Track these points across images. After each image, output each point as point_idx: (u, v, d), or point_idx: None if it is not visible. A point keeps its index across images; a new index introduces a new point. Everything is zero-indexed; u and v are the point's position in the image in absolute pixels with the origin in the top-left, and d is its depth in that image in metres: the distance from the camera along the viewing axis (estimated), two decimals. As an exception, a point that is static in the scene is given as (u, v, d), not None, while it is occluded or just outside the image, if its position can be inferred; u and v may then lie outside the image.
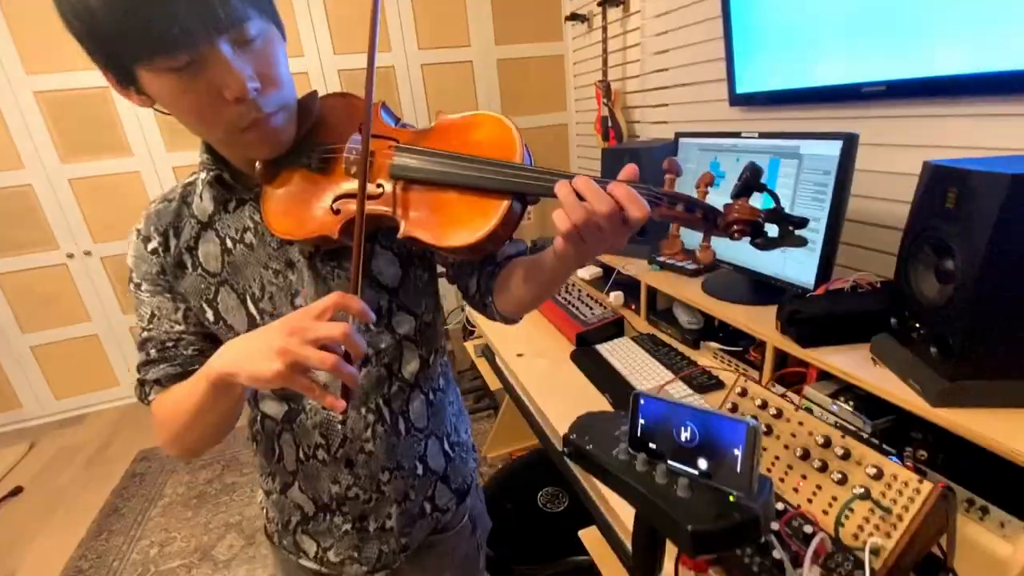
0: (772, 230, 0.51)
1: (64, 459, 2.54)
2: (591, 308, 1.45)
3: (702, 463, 0.50)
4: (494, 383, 1.53)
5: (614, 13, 2.39)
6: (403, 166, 0.56)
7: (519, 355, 1.38)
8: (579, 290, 1.57)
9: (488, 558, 0.95)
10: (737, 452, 0.48)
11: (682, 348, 1.28)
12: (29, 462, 2.55)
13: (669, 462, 0.52)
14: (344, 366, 0.48)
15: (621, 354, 1.27)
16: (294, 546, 0.74)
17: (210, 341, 0.68)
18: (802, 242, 0.51)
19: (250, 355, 0.49)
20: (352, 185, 0.57)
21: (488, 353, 1.58)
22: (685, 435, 0.51)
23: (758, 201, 0.52)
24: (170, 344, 0.65)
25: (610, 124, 2.41)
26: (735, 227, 0.51)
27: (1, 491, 2.31)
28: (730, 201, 0.52)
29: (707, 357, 1.24)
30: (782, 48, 1.46)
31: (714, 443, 0.49)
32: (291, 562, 0.77)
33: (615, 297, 1.56)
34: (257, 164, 0.58)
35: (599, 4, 2.36)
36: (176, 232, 0.62)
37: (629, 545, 0.83)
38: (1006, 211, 0.66)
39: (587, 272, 1.77)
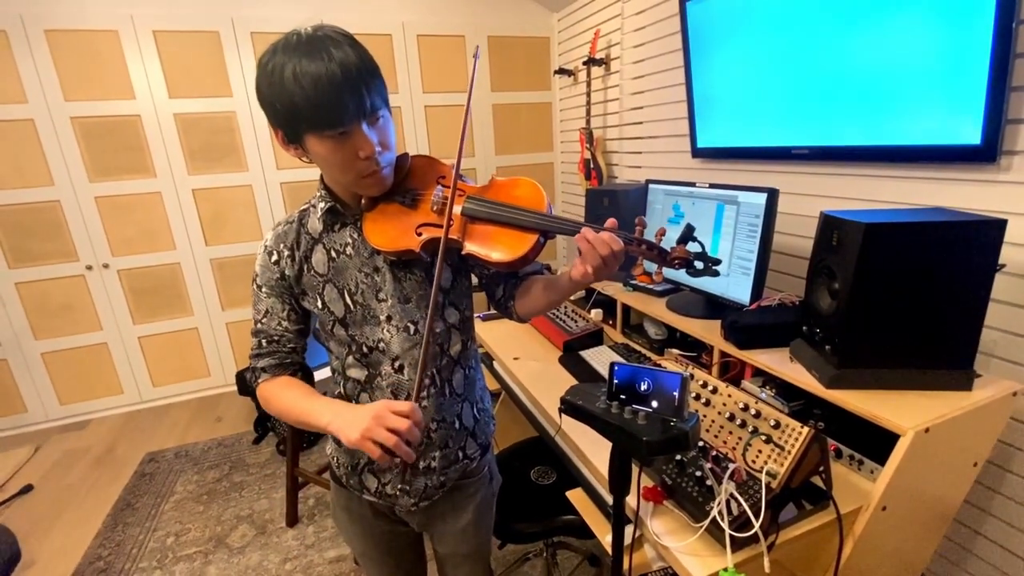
0: (699, 264, 0.81)
1: (71, 461, 2.66)
2: (576, 321, 1.73)
3: (654, 403, 0.77)
4: (492, 384, 1.78)
5: (597, 71, 2.75)
6: (470, 209, 0.84)
7: (515, 358, 1.64)
8: (565, 306, 1.85)
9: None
10: (675, 393, 0.75)
11: (650, 354, 1.57)
12: (36, 463, 2.65)
13: (633, 405, 0.79)
14: (401, 446, 0.72)
15: (600, 358, 1.55)
16: (359, 484, 0.97)
17: (302, 337, 0.93)
18: (716, 274, 0.81)
19: (349, 424, 0.74)
20: (433, 218, 0.84)
21: (486, 360, 1.84)
22: (643, 386, 0.79)
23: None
24: (276, 338, 0.91)
25: (592, 166, 2.75)
26: (676, 261, 0.80)
27: (11, 489, 2.43)
28: (675, 244, 0.81)
29: (670, 361, 1.53)
30: (733, 114, 1.81)
31: (661, 389, 0.77)
32: (354, 498, 1.00)
33: (595, 313, 1.86)
34: (363, 199, 0.85)
35: (584, 63, 2.71)
36: (297, 246, 0.88)
37: (607, 497, 1.10)
38: (863, 247, 0.97)
39: (572, 292, 2.06)
